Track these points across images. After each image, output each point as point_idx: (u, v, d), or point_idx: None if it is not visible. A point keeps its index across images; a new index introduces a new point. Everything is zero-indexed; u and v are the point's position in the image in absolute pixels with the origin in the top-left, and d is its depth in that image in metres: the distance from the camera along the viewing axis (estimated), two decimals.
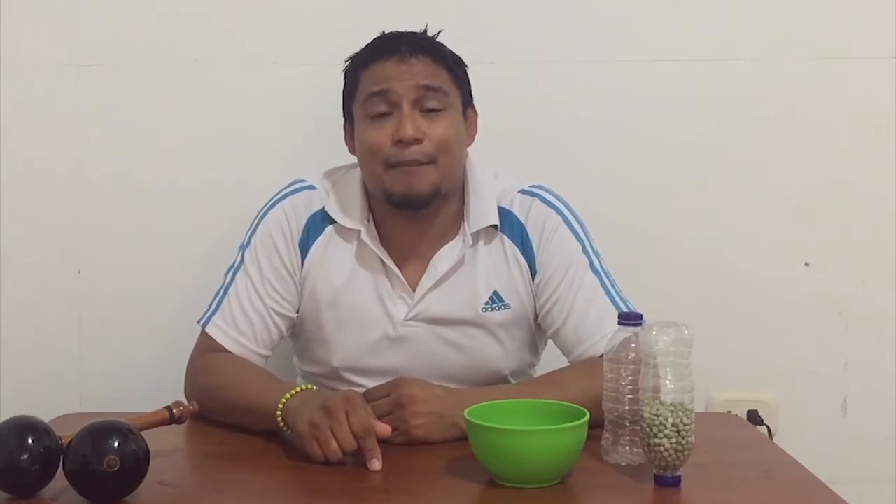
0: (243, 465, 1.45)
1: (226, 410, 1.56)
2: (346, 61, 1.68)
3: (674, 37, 2.02)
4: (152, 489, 1.28)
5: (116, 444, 1.23)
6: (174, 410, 1.44)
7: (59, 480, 1.26)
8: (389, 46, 1.62)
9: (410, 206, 1.61)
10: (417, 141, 1.58)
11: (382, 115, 1.60)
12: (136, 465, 1.25)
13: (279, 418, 1.46)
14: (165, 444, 1.45)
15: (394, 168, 1.59)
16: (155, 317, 2.01)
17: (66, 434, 1.28)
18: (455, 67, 1.66)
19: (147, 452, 1.27)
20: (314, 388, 1.51)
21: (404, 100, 1.58)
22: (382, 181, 1.61)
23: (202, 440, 1.54)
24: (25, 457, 1.24)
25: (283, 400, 1.46)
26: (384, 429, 1.42)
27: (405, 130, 1.57)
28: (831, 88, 2.03)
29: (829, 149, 2.04)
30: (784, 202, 2.04)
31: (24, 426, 1.26)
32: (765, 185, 2.04)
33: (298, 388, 1.48)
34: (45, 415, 1.37)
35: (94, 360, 2.02)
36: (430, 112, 1.60)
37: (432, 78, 1.60)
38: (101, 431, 1.25)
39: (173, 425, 1.45)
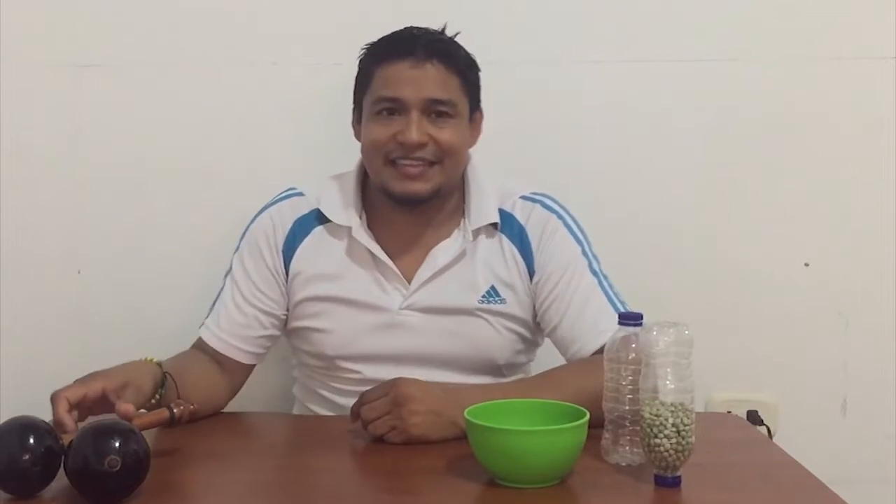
0: (243, 465, 1.45)
1: None
2: (362, 49, 1.68)
3: (674, 37, 2.02)
4: (153, 489, 1.28)
5: (117, 444, 1.23)
6: (175, 410, 1.45)
7: (61, 481, 1.27)
8: (406, 46, 1.63)
9: (408, 203, 1.65)
10: (422, 145, 1.60)
11: (391, 114, 1.62)
12: (137, 465, 1.25)
13: None
14: (166, 444, 1.45)
15: (393, 165, 1.62)
16: (155, 317, 2.01)
17: (67, 434, 1.28)
18: (468, 72, 1.67)
19: (148, 452, 1.27)
20: None
21: (413, 108, 1.60)
22: (381, 176, 1.64)
23: (202, 440, 1.54)
24: (27, 457, 1.24)
25: None
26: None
27: (411, 135, 1.60)
28: (831, 88, 2.02)
29: (829, 149, 2.04)
30: (784, 202, 2.04)
31: (26, 426, 1.26)
32: (765, 184, 2.04)
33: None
34: (46, 415, 1.37)
35: (93, 359, 2.01)
36: (438, 117, 1.62)
37: (443, 89, 1.62)
38: (103, 431, 1.25)
39: (174, 425, 1.46)
